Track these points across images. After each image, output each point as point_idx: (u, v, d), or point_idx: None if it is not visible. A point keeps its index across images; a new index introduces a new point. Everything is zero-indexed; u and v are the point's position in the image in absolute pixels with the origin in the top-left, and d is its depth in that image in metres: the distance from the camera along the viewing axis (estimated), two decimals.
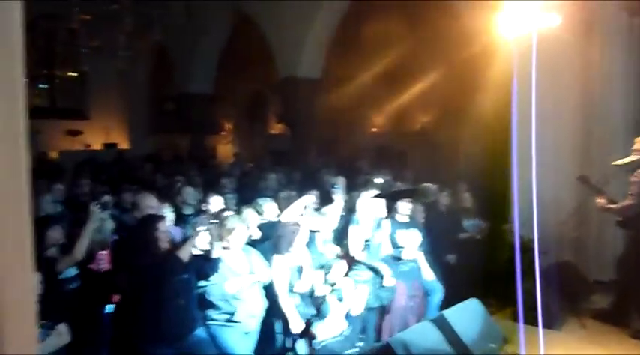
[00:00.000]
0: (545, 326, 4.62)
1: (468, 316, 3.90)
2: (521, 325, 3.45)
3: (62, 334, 3.07)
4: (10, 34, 1.39)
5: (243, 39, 11.41)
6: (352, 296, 4.07)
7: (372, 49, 10.92)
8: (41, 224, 3.42)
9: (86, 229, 3.45)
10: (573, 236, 6.03)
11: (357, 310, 4.15)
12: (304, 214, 4.23)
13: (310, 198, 4.48)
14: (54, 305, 3.18)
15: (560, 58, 6.12)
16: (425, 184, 1.61)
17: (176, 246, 3.53)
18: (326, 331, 3.84)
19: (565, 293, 5.27)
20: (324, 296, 3.93)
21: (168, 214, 4.18)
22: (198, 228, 3.55)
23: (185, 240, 3.62)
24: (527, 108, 4.21)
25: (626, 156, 5.44)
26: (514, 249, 3.69)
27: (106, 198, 3.95)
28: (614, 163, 5.39)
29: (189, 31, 11.93)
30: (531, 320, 4.05)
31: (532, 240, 4.68)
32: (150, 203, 3.84)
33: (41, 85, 14.53)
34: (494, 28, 5.16)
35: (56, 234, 3.48)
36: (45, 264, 3.22)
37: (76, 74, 14.84)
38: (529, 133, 4.06)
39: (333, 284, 4.04)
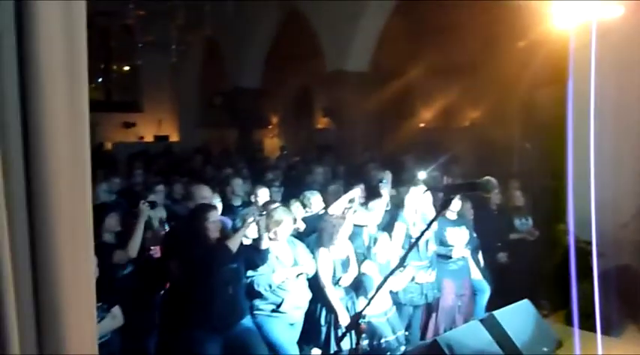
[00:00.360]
0: (602, 332, 4.42)
1: (520, 318, 3.76)
2: (576, 330, 3.30)
3: (116, 317, 3.19)
4: (74, 32, 1.43)
5: (292, 33, 11.45)
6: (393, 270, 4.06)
7: (422, 42, 10.70)
8: (98, 211, 3.56)
9: (138, 227, 3.56)
10: (635, 239, 5.71)
11: (399, 286, 4.15)
12: (351, 208, 4.21)
13: (357, 192, 4.45)
14: (108, 289, 3.31)
15: (623, 50, 5.79)
16: (486, 177, 1.54)
17: (226, 235, 3.59)
18: (368, 306, 3.85)
19: (624, 299, 5.02)
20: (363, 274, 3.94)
21: (218, 205, 4.26)
22: (247, 219, 3.59)
23: (235, 230, 3.68)
24: (586, 102, 4.01)
25: None
26: (569, 251, 3.53)
27: (153, 196, 4.06)
28: None
29: (239, 26, 12.08)
30: (586, 326, 3.88)
31: (589, 242, 4.47)
32: (204, 193, 3.94)
33: (98, 80, 15.15)
34: (552, 17, 4.94)
35: (112, 221, 3.61)
36: (101, 249, 3.34)
37: (130, 68, 15.39)
38: (587, 129, 3.87)
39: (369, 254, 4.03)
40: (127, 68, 15.74)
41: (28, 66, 1.34)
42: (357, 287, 3.96)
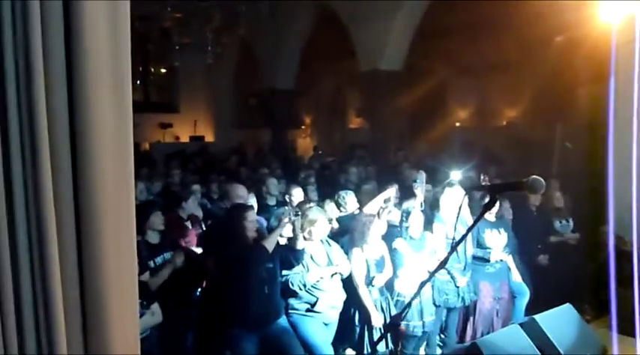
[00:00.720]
0: None
1: (562, 322, 3.64)
2: (614, 334, 3.17)
3: (155, 314, 3.26)
4: (119, 35, 1.46)
5: (326, 33, 11.45)
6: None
7: (457, 40, 10.53)
8: (140, 210, 3.66)
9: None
10: None
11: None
12: (387, 207, 4.18)
13: (392, 192, 4.41)
14: (147, 286, 3.38)
15: None
16: (533, 176, 1.50)
17: (262, 235, 3.62)
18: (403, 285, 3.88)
19: None
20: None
21: (254, 204, 4.30)
22: (283, 219, 3.61)
23: (271, 230, 3.70)
24: (628, 101, 3.86)
25: None
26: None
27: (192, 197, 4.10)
28: None
29: (273, 27, 12.18)
30: (630, 331, 3.73)
31: (631, 244, 4.30)
32: (240, 193, 3.99)
33: (136, 82, 15.54)
34: (594, 12, 4.76)
35: (156, 219, 3.69)
36: (142, 247, 3.42)
37: (167, 70, 15.73)
38: (629, 129, 3.71)
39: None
40: (163, 70, 16.09)
41: (76, 67, 1.37)
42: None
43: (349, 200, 4.73)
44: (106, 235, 1.46)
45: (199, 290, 3.99)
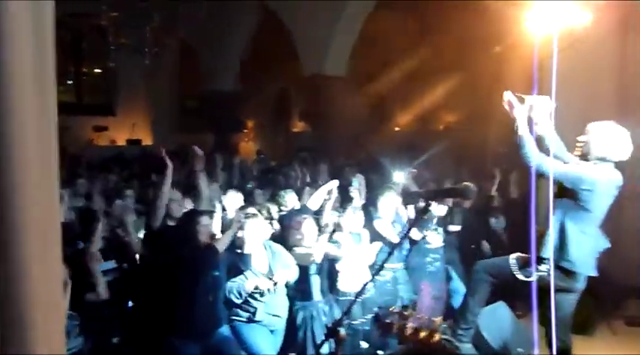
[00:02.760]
0: (576, 331, 4.50)
1: (495, 319, 3.81)
2: (535, 326, 3.35)
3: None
4: (42, 33, 1.38)
5: (269, 36, 11.42)
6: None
7: (398, 47, 10.80)
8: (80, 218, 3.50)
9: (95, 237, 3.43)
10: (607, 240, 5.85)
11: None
12: (329, 199, 4.22)
13: (335, 183, 4.44)
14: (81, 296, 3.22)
15: (592, 56, 5.96)
16: (465, 183, 1.56)
17: (213, 240, 3.54)
18: (347, 281, 3.90)
19: (597, 299, 5.13)
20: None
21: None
22: (235, 221, 3.57)
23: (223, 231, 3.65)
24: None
25: None
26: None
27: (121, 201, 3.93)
28: None
29: (214, 28, 12.00)
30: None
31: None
32: (174, 197, 3.83)
33: (68, 81, 14.82)
34: (522, 24, 5.04)
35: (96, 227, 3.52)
36: (76, 255, 3.26)
37: (102, 71, 15.10)
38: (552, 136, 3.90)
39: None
40: (98, 70, 15.42)
41: None
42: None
43: (289, 198, 4.73)
44: (29, 246, 1.37)
45: (138, 299, 3.83)
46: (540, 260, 3.16)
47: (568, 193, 3.11)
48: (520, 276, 3.23)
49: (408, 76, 11.54)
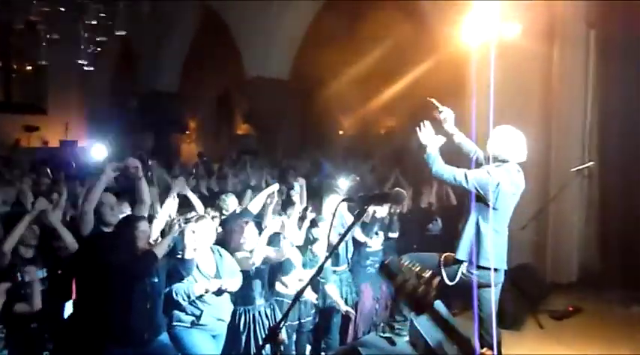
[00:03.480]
0: (505, 326, 4.75)
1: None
2: (476, 325, 3.53)
3: None
4: None
5: (211, 37, 11.26)
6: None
7: (342, 52, 10.95)
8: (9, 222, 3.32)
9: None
10: (533, 239, 6.21)
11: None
12: (271, 203, 4.23)
13: (275, 187, 4.46)
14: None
15: (522, 66, 6.33)
16: (396, 189, 1.64)
17: (151, 245, 3.44)
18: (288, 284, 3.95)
19: (523, 295, 5.43)
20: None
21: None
22: (174, 226, 3.49)
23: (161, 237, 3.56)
24: (487, 114, 4.31)
25: (583, 163, 5.66)
26: None
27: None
28: (572, 169, 5.60)
29: (154, 27, 11.70)
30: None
31: None
32: (107, 200, 3.69)
33: None
34: (458, 34, 5.29)
35: (28, 233, 3.36)
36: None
37: (33, 68, 14.32)
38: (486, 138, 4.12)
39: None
40: (29, 67, 14.63)
41: None
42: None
43: (230, 202, 4.69)
44: None
45: (74, 308, 3.68)
46: (458, 261, 3.37)
47: (480, 195, 3.32)
48: (445, 280, 3.41)
49: (350, 79, 11.73)
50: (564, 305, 5.69)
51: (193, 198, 4.62)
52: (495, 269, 3.38)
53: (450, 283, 3.41)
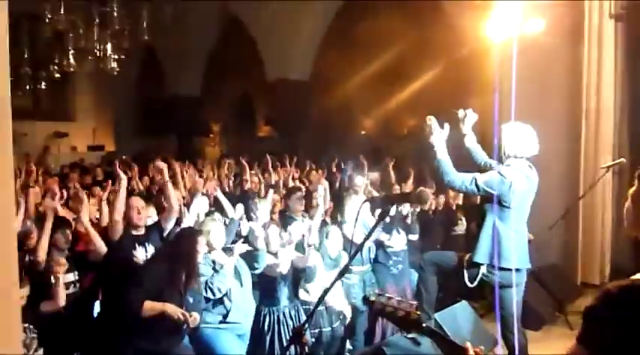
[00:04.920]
0: (533, 328, 4.66)
1: (459, 318, 3.92)
2: (498, 325, 3.49)
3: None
4: None
5: (233, 41, 11.37)
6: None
7: (362, 52, 10.94)
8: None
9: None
10: (561, 239, 6.08)
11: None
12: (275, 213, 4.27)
13: (274, 196, 4.52)
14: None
15: (547, 62, 6.21)
16: (420, 188, 1.64)
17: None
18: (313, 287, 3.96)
19: (552, 296, 5.32)
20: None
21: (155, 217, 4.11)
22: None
23: None
24: (510, 111, 4.25)
25: (614, 159, 5.52)
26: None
27: None
28: (602, 166, 5.46)
29: (178, 33, 11.86)
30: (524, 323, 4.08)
31: None
32: (136, 204, 3.75)
33: (27, 86, 14.34)
34: (482, 31, 5.23)
35: (60, 237, 3.45)
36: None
37: (61, 75, 14.67)
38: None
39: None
40: (58, 75, 14.98)
41: None
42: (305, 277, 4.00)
43: (261, 206, 4.71)
44: None
45: (102, 310, 3.76)
46: (478, 264, 3.33)
47: (495, 197, 3.28)
48: (466, 281, 3.38)
49: (371, 79, 11.70)
50: None
51: (224, 201, 4.66)
52: (517, 269, 3.33)
53: (471, 285, 3.37)
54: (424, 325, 1.49)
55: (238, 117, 16.66)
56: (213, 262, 3.68)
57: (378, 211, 1.81)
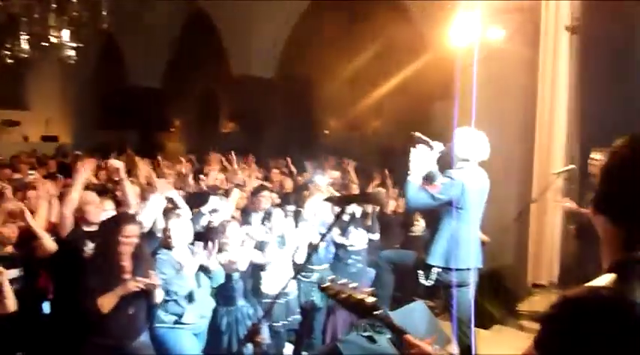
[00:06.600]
0: (484, 327, 4.80)
1: (415, 317, 3.98)
2: (454, 324, 3.59)
3: None
4: None
5: (197, 34, 11.19)
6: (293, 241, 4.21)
7: (328, 52, 10.97)
8: None
9: None
10: (515, 242, 6.30)
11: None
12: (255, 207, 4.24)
13: (237, 194, 4.50)
14: None
15: (506, 70, 6.41)
16: (377, 189, 1.67)
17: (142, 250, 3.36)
18: (271, 285, 3.93)
19: (504, 296, 5.49)
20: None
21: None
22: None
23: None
24: (470, 116, 4.37)
25: (565, 166, 5.75)
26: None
27: None
28: (553, 172, 5.68)
29: (139, 23, 11.57)
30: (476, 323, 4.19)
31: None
32: (89, 199, 3.63)
33: None
34: (445, 36, 5.35)
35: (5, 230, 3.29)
36: None
37: (15, 62, 14.05)
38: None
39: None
40: (10, 61, 14.35)
41: None
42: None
43: (212, 201, 4.66)
44: None
45: (52, 307, 3.62)
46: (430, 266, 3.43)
47: (450, 200, 3.38)
48: (422, 280, 3.46)
49: (338, 80, 11.75)
50: (544, 306, 5.75)
51: (178, 199, 4.58)
52: (469, 269, 3.44)
53: (427, 284, 3.45)
54: (380, 310, 1.50)
55: (202, 112, 16.38)
56: (174, 261, 3.61)
57: (337, 210, 1.83)
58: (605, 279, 1.12)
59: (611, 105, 5.82)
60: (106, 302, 3.01)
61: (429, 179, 3.56)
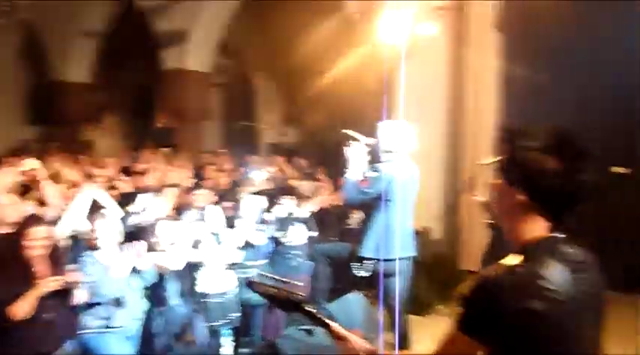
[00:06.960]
0: (417, 313, 4.97)
1: (351, 308, 4.04)
2: (380, 309, 3.70)
3: None
4: None
5: (128, 25, 10.74)
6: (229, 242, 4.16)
7: (266, 46, 10.89)
8: None
9: None
10: (447, 230, 6.55)
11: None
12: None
13: (171, 192, 4.40)
14: None
15: (435, 67, 6.66)
16: (303, 182, 1.69)
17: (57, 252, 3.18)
18: (208, 283, 3.88)
19: (437, 283, 5.70)
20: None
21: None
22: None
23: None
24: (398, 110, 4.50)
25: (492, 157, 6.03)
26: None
27: None
28: (480, 163, 5.95)
29: (64, 11, 10.95)
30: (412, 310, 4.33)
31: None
32: (7, 200, 3.40)
33: None
34: (376, 32, 5.46)
35: None
36: None
37: None
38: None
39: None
40: None
41: None
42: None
43: (141, 199, 4.52)
44: None
45: None
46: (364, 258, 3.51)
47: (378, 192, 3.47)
48: (356, 271, 3.54)
49: (275, 75, 11.69)
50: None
51: (104, 199, 4.39)
52: (402, 258, 3.53)
53: (362, 275, 3.52)
54: (306, 305, 1.52)
55: (134, 106, 15.74)
56: (101, 263, 3.46)
57: (267, 205, 1.82)
58: (515, 258, 1.19)
59: (535, 100, 6.18)
60: (19, 309, 2.82)
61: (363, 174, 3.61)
